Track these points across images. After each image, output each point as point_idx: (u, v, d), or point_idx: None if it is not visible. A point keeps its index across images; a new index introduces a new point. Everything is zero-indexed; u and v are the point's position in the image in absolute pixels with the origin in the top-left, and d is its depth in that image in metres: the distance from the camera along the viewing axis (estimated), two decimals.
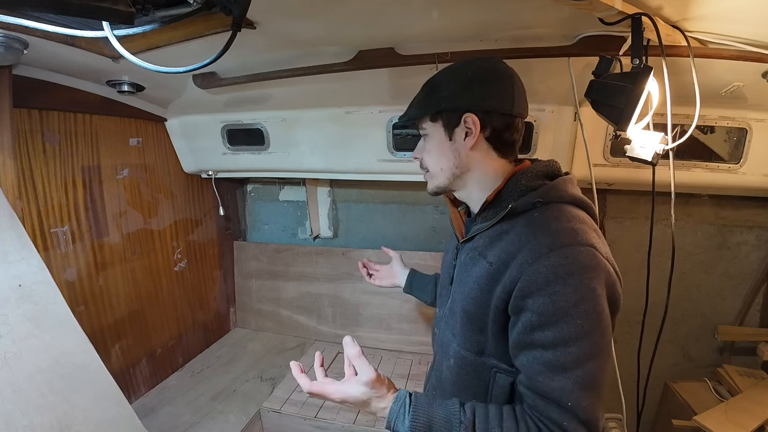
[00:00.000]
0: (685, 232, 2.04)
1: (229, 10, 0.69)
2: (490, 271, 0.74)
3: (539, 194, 0.75)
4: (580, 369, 0.63)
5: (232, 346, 2.38)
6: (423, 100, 0.88)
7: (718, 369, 1.93)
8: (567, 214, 0.73)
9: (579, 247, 0.66)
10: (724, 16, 0.99)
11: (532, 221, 0.73)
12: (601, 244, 0.70)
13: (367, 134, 1.78)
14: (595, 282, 0.64)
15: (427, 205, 2.33)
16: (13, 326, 0.98)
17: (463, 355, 0.82)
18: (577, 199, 0.77)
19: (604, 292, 0.65)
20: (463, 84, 0.82)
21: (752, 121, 1.50)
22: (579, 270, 0.64)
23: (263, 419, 1.81)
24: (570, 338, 0.63)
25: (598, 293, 0.64)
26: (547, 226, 0.70)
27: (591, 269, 0.65)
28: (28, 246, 1.09)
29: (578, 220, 0.72)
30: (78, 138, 1.56)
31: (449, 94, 0.82)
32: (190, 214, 2.22)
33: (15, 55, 1.05)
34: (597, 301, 0.64)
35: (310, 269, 2.44)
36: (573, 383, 0.63)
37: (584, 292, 0.64)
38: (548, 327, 0.64)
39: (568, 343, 0.63)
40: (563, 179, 0.79)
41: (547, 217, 0.72)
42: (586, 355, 0.63)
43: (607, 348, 0.65)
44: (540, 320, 0.65)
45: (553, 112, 1.55)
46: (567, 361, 0.63)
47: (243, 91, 1.57)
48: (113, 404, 1.12)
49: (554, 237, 0.68)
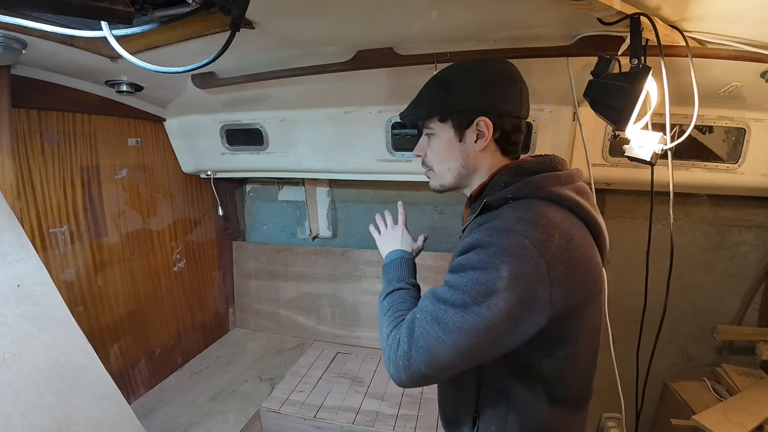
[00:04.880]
0: (684, 231, 2.05)
1: (227, 10, 0.69)
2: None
3: (511, 190, 0.76)
4: (444, 307, 0.69)
5: (231, 347, 2.38)
6: (434, 99, 0.85)
7: (716, 368, 1.93)
8: (531, 209, 0.72)
9: (511, 233, 0.68)
10: (723, 16, 0.99)
11: (498, 214, 0.75)
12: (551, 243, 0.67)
13: (366, 134, 1.78)
14: (503, 265, 0.65)
15: (427, 205, 2.33)
16: (11, 327, 0.98)
17: None
18: (554, 196, 0.74)
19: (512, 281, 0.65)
20: (478, 87, 0.81)
21: (751, 120, 1.51)
22: (496, 248, 0.67)
23: (262, 419, 1.81)
24: (455, 285, 0.70)
25: (500, 274, 0.65)
26: (504, 217, 0.73)
27: (507, 253, 0.66)
28: (26, 246, 1.09)
29: (537, 214, 0.70)
30: (77, 138, 1.56)
31: (464, 96, 0.81)
32: (189, 214, 2.22)
33: (14, 54, 1.04)
34: (493, 278, 0.66)
35: (309, 269, 2.44)
36: (434, 311, 0.71)
37: (485, 264, 0.67)
38: (450, 272, 0.73)
39: (453, 287, 0.70)
40: (544, 176, 0.77)
41: (512, 210, 0.74)
42: (456, 303, 0.68)
43: (475, 316, 0.66)
44: (450, 268, 0.74)
45: (551, 112, 1.55)
46: (443, 297, 0.71)
47: (242, 91, 1.57)
48: (112, 405, 1.12)
49: (502, 223, 0.71)
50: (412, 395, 1.87)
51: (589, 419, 0.92)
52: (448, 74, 0.85)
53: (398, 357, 0.72)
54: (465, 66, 0.84)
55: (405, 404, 1.81)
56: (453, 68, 0.85)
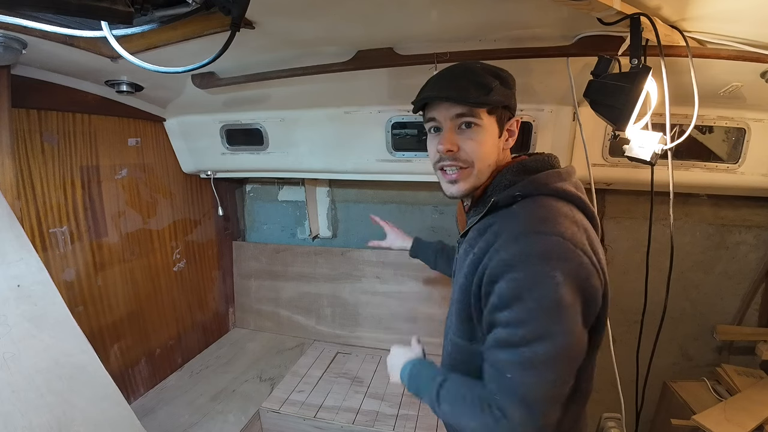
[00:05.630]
0: (684, 231, 2.05)
1: (227, 10, 0.69)
2: (474, 261, 0.76)
3: (519, 188, 0.77)
4: (527, 348, 0.65)
5: (231, 347, 2.37)
6: (489, 88, 0.78)
7: (716, 368, 1.93)
8: (544, 205, 0.74)
9: (543, 235, 0.67)
10: (723, 16, 0.99)
11: (510, 213, 0.75)
12: (578, 234, 0.69)
13: (366, 134, 1.78)
14: (555, 270, 0.65)
15: (426, 205, 2.33)
16: (11, 327, 0.98)
17: (456, 341, 0.86)
18: (560, 192, 0.76)
19: (568, 281, 0.65)
20: (508, 87, 0.84)
21: (751, 121, 1.51)
22: (538, 257, 0.66)
23: (262, 419, 1.81)
24: (521, 320, 0.65)
25: (557, 281, 0.64)
26: (519, 217, 0.73)
27: (552, 257, 0.65)
28: (26, 246, 1.09)
29: (553, 210, 0.72)
30: (76, 138, 1.56)
31: (512, 92, 0.84)
32: (188, 214, 2.22)
33: (14, 54, 1.04)
34: (554, 289, 0.64)
35: (309, 269, 2.44)
36: (518, 358, 0.66)
37: (539, 278, 0.65)
38: (505, 308, 0.67)
39: (519, 324, 0.65)
40: (547, 173, 0.79)
41: (524, 208, 0.74)
42: (535, 337, 0.64)
43: (562, 335, 0.65)
44: (499, 302, 0.68)
45: (551, 111, 1.55)
46: (516, 339, 0.66)
47: (242, 91, 1.57)
48: (112, 405, 1.12)
49: (523, 226, 0.70)
50: (412, 395, 1.86)
51: (589, 419, 0.92)
52: (495, 68, 0.83)
53: (519, 425, 0.66)
54: (486, 66, 0.84)
55: (405, 404, 1.81)
56: (473, 66, 0.83)
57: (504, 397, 0.67)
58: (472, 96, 0.78)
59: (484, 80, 0.79)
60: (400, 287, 2.26)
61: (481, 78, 0.80)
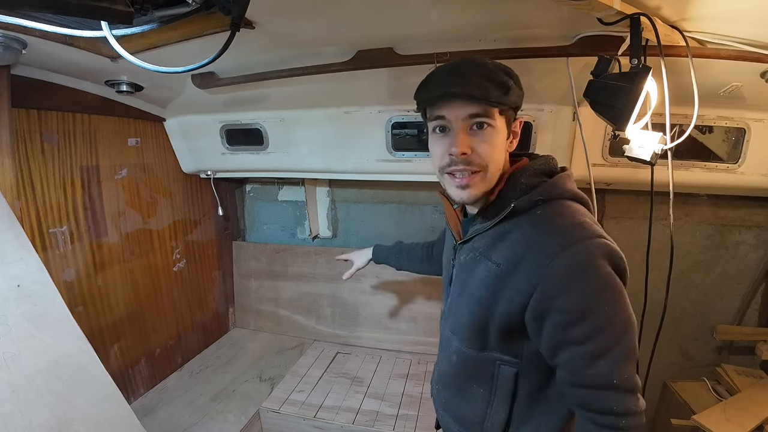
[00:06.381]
0: (684, 231, 2.05)
1: (227, 10, 0.69)
2: (498, 272, 0.74)
3: (540, 192, 0.75)
4: (618, 346, 0.68)
5: (231, 347, 2.37)
6: (498, 90, 0.73)
7: (716, 368, 1.93)
8: (570, 210, 0.74)
9: (589, 240, 0.68)
10: (723, 16, 0.99)
11: (536, 220, 0.74)
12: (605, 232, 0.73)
13: (366, 134, 1.78)
14: (608, 267, 0.68)
15: (426, 205, 2.33)
16: (11, 327, 0.98)
17: (465, 351, 0.85)
18: (576, 195, 0.78)
19: (617, 274, 0.69)
20: (520, 87, 0.79)
21: (750, 121, 1.51)
22: (594, 262, 0.67)
23: (262, 419, 1.81)
24: (602, 326, 0.67)
25: (612, 276, 0.68)
26: (553, 225, 0.71)
27: (603, 257, 0.68)
28: (26, 246, 1.09)
29: (581, 214, 0.74)
30: (76, 138, 1.56)
31: (518, 95, 0.78)
32: (188, 214, 2.22)
33: (14, 54, 1.04)
34: (613, 283, 0.68)
35: (309, 269, 2.44)
36: (614, 361, 0.68)
37: (602, 281, 0.67)
38: (579, 323, 0.68)
39: (601, 331, 0.67)
40: (562, 176, 0.79)
41: (551, 214, 0.73)
42: (618, 334, 0.68)
43: (631, 318, 0.69)
44: (570, 318, 0.68)
45: (551, 111, 1.55)
46: (604, 346, 0.67)
47: (242, 91, 1.57)
48: (112, 405, 1.12)
49: (564, 235, 0.69)
50: (412, 395, 1.87)
51: None
52: (506, 66, 0.78)
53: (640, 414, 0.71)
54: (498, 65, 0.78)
55: (405, 404, 1.81)
56: (489, 65, 0.76)
57: (623, 404, 0.69)
58: (494, 95, 0.72)
59: (501, 78, 0.74)
60: (400, 287, 2.27)
61: (497, 76, 0.74)
